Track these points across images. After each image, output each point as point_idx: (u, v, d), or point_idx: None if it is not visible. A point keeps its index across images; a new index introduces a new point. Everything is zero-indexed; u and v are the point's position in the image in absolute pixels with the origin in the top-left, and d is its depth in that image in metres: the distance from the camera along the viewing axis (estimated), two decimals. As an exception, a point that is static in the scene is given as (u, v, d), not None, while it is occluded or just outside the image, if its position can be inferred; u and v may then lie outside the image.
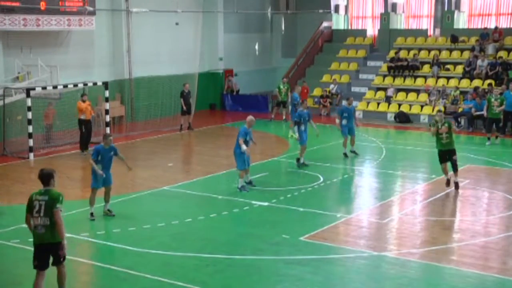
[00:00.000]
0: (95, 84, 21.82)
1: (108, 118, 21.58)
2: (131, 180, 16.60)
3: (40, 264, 8.76)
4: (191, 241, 11.92)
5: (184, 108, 24.47)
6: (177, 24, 28.48)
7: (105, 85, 21.62)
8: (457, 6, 30.35)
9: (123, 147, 20.63)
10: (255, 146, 16.12)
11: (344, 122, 18.61)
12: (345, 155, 18.85)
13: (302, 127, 17.70)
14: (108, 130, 21.19)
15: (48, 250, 8.69)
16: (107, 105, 21.62)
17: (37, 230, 8.66)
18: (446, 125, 15.09)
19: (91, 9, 23.41)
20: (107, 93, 21.61)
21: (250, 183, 15.62)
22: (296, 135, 18.39)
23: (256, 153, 20.51)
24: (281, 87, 27.27)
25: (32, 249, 8.85)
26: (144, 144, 22.10)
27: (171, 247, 11.52)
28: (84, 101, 19.99)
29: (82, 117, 19.90)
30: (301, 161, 17.88)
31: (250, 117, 15.60)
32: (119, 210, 14.02)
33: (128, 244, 11.58)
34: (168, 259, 10.99)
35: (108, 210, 13.45)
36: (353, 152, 18.88)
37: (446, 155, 15.16)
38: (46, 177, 8.76)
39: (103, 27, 25.56)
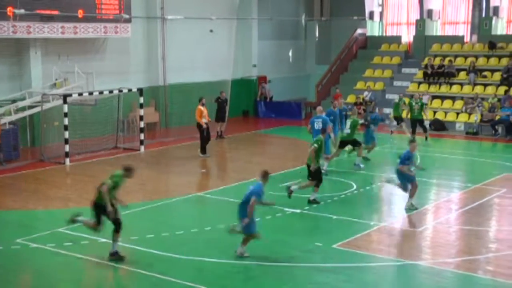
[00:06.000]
0: (130, 90, 22.08)
1: (142, 124, 21.80)
2: (164, 186, 16.71)
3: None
4: (224, 248, 11.92)
5: (216, 115, 24.37)
6: (211, 31, 28.68)
7: (140, 91, 21.86)
8: (495, 13, 29.83)
9: (156, 153, 20.83)
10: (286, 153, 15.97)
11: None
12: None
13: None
14: (142, 136, 21.43)
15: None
16: (142, 111, 21.85)
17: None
18: None
19: (127, 16, 23.73)
20: (141, 100, 21.85)
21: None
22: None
23: (289, 160, 20.50)
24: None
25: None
26: (177, 150, 22.21)
27: (203, 253, 11.55)
28: (203, 105, 20.54)
29: (204, 120, 20.33)
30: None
31: None
32: (152, 216, 14.15)
33: (161, 250, 11.64)
34: (200, 265, 11.02)
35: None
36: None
37: None
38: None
39: (138, 34, 25.85)
